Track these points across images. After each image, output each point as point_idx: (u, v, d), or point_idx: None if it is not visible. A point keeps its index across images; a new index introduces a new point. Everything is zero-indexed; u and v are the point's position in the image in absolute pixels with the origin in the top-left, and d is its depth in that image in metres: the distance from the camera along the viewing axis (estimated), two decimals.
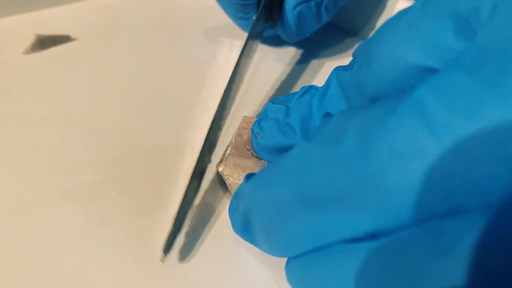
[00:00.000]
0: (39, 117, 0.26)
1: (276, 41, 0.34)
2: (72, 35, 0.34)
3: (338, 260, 0.13)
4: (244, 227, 0.16)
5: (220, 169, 0.21)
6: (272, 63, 0.32)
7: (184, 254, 0.19)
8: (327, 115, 0.17)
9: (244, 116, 0.23)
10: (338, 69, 0.17)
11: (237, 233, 0.17)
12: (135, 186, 0.22)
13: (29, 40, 0.31)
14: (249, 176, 0.16)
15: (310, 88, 0.19)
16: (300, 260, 0.14)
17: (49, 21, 0.35)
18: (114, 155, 0.24)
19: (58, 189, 0.22)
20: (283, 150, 0.19)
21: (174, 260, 0.19)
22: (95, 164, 0.23)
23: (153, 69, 0.31)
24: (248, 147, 0.21)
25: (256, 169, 0.20)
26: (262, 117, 0.20)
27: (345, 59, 0.33)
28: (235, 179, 0.20)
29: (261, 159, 0.21)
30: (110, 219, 0.20)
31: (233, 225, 0.17)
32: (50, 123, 0.26)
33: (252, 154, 0.21)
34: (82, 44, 0.33)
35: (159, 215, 0.21)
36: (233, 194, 0.20)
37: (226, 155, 0.21)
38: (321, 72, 0.31)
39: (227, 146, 0.22)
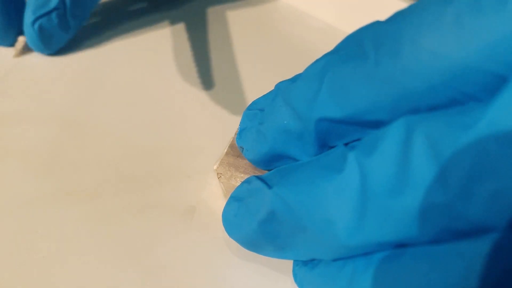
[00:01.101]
0: (37, 118, 0.26)
1: (275, 37, 0.34)
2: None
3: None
4: (263, 236, 0.15)
5: (215, 167, 0.20)
6: (276, 59, 0.32)
7: (183, 254, 0.19)
8: (325, 121, 0.14)
9: None
10: (332, 63, 0.14)
11: (239, 241, 0.16)
12: (135, 186, 0.22)
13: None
14: (271, 180, 0.15)
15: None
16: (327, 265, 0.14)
17: None
18: (113, 156, 0.24)
19: (57, 189, 0.22)
20: (273, 160, 0.17)
21: (172, 261, 0.19)
22: (93, 164, 0.23)
23: (150, 67, 0.31)
24: None
25: (250, 170, 0.20)
26: (241, 127, 0.18)
27: None
28: (227, 178, 0.20)
29: None
30: (109, 220, 0.20)
31: (236, 233, 0.16)
32: (49, 123, 0.25)
33: None
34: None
35: (158, 215, 0.21)
36: (229, 196, 0.20)
37: (223, 154, 0.21)
38: None
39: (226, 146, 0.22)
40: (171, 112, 0.27)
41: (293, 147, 0.16)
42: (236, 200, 0.16)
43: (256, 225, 0.15)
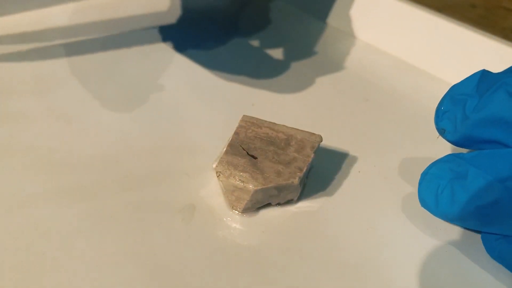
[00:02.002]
0: (37, 116, 0.26)
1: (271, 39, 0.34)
2: (71, 34, 0.34)
3: None
4: (476, 216, 0.17)
5: (214, 166, 0.20)
6: (277, 62, 0.32)
7: (183, 252, 0.19)
8: None
9: (244, 115, 0.23)
10: None
11: (441, 215, 0.18)
12: (134, 185, 0.22)
13: (27, 39, 0.30)
14: (489, 168, 0.17)
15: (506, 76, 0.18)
16: None
17: (47, 20, 0.35)
18: (113, 154, 0.24)
19: (57, 187, 0.22)
20: (477, 142, 0.18)
21: (172, 259, 0.19)
22: (93, 163, 0.23)
23: (151, 67, 0.31)
24: (243, 146, 0.21)
25: (249, 168, 0.20)
26: (442, 109, 0.20)
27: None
28: (226, 176, 0.20)
29: (255, 158, 0.20)
30: (109, 218, 0.20)
31: (440, 208, 0.18)
32: (49, 121, 0.26)
33: (247, 153, 0.21)
34: (81, 43, 0.33)
35: (157, 214, 0.21)
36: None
37: (222, 152, 0.21)
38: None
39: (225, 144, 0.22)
40: (170, 111, 0.27)
41: (510, 137, 0.17)
42: (438, 177, 0.18)
43: (474, 207, 0.17)
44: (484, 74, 0.19)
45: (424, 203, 0.19)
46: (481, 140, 0.18)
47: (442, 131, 0.20)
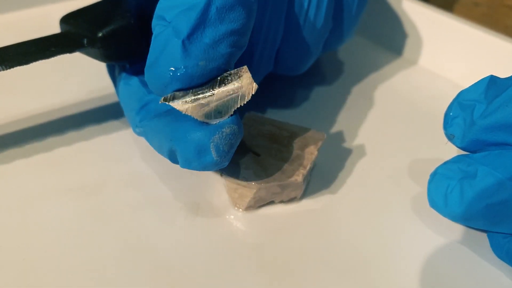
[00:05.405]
0: (39, 113, 0.26)
1: None
2: None
3: None
4: (485, 214, 0.17)
5: None
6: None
7: (186, 251, 0.19)
8: None
9: (247, 113, 0.23)
10: None
11: (450, 215, 0.18)
12: (137, 183, 0.22)
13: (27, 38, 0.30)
14: (499, 168, 0.17)
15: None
16: None
17: (49, 18, 0.35)
18: (116, 151, 0.24)
19: (59, 185, 0.22)
20: (486, 145, 0.18)
21: (175, 258, 0.19)
22: (96, 160, 0.23)
23: None
24: (246, 143, 0.21)
25: (251, 165, 0.20)
26: (452, 115, 0.20)
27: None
28: (229, 173, 0.20)
29: (258, 155, 0.20)
30: (112, 216, 0.20)
31: (450, 207, 0.18)
32: (51, 118, 0.26)
33: (250, 151, 0.21)
34: None
35: (160, 212, 0.21)
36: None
37: None
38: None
39: None
40: None
41: None
42: (447, 177, 0.18)
43: (483, 205, 0.17)
44: (492, 80, 0.19)
45: (433, 203, 0.19)
46: (489, 143, 0.18)
47: (451, 137, 0.20)
